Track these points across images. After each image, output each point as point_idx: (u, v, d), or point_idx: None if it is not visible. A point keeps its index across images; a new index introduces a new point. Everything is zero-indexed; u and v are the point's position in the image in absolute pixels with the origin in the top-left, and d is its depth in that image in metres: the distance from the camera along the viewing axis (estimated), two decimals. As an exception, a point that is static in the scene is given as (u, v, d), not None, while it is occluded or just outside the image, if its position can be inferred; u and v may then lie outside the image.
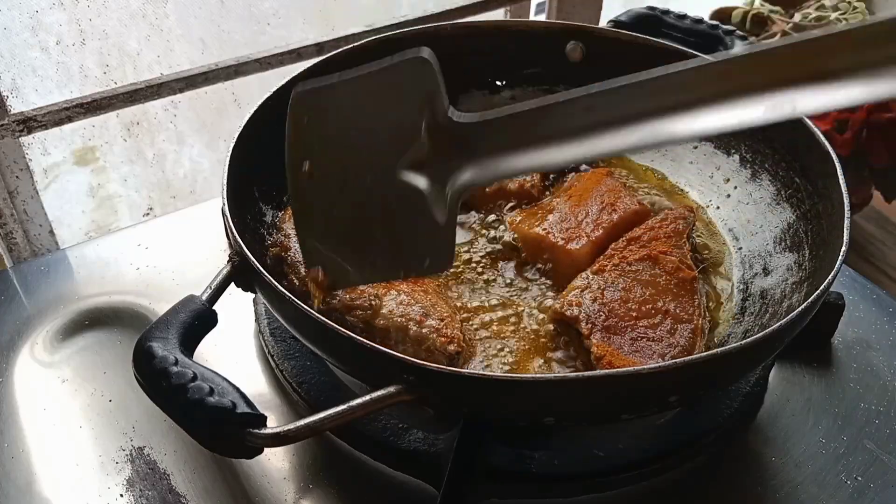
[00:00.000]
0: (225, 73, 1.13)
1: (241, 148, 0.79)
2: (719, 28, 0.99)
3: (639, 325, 0.75)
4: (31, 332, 0.87)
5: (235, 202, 0.74)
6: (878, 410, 0.80)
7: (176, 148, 1.41)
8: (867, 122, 1.31)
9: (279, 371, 0.80)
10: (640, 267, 0.80)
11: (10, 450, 0.75)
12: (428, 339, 0.72)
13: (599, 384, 0.61)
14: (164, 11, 1.24)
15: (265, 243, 0.83)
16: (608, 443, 0.73)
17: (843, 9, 1.65)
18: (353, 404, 0.58)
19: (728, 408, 0.77)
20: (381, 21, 1.23)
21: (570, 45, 1.01)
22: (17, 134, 1.03)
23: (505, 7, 1.40)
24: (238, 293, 0.71)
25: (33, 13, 1.14)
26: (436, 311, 0.75)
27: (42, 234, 1.12)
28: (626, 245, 0.82)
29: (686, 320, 0.75)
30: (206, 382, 0.57)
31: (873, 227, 1.44)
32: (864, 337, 0.88)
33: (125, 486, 0.72)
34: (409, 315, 0.74)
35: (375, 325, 0.74)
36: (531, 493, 0.72)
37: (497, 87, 1.05)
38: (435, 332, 0.73)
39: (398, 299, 0.75)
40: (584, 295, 0.77)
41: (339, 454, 0.75)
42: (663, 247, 0.81)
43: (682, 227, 0.84)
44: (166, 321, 0.63)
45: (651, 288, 0.78)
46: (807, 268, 0.78)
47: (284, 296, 0.64)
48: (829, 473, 0.74)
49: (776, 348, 0.68)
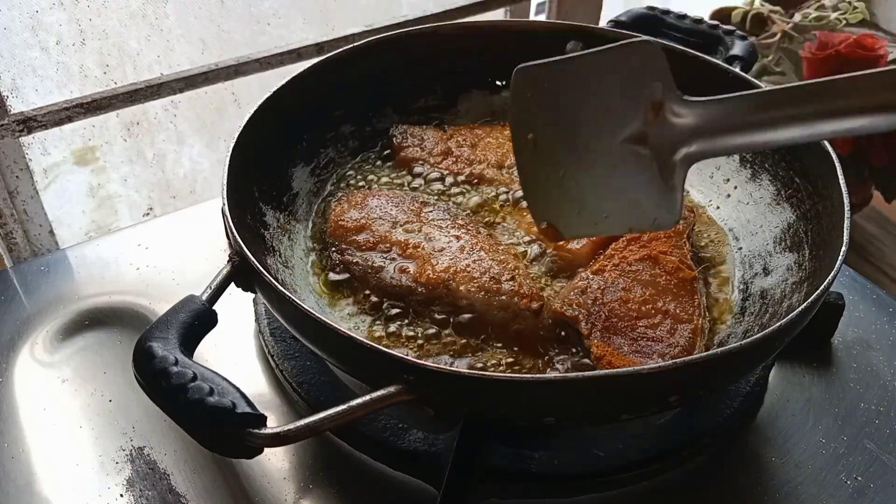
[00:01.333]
0: (225, 73, 1.13)
1: (241, 148, 0.79)
2: (719, 28, 0.99)
3: (639, 325, 0.75)
4: (31, 332, 0.87)
5: (235, 202, 0.74)
6: (878, 410, 0.80)
7: (176, 148, 1.41)
8: (867, 123, 1.31)
9: (279, 371, 0.80)
10: (640, 267, 0.80)
11: (10, 450, 0.75)
12: (511, 305, 0.75)
13: (599, 384, 0.61)
14: (164, 11, 1.24)
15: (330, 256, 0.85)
16: (608, 443, 0.73)
17: (844, 9, 1.65)
18: (353, 404, 0.58)
19: (728, 408, 0.77)
20: (381, 21, 1.23)
21: (570, 45, 1.01)
22: (17, 134, 1.03)
23: (505, 7, 1.40)
24: (238, 293, 0.71)
25: (33, 13, 1.14)
26: (503, 266, 0.78)
27: (42, 234, 1.12)
28: (626, 245, 0.82)
29: (686, 320, 0.75)
30: (206, 382, 0.57)
31: (873, 227, 1.44)
32: (864, 337, 0.88)
33: (125, 486, 0.72)
34: (486, 286, 0.76)
35: (461, 307, 0.77)
36: (531, 493, 0.72)
37: (497, 87, 1.05)
38: (515, 295, 0.76)
39: (470, 272, 0.78)
40: (583, 295, 0.77)
41: (339, 454, 0.75)
42: (663, 247, 0.81)
43: (682, 226, 0.84)
44: (166, 321, 0.63)
45: (651, 288, 0.78)
46: (807, 268, 0.78)
47: (284, 296, 0.64)
48: (829, 473, 0.74)
49: (776, 348, 0.68)
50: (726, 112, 0.60)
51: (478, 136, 0.99)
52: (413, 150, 0.97)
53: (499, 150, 0.97)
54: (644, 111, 0.63)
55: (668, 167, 0.63)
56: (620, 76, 0.64)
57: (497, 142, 0.98)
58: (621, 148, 0.65)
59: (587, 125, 0.68)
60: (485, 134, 1.00)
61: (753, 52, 0.97)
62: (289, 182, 0.91)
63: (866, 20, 1.66)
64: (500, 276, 0.77)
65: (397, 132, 0.99)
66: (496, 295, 0.76)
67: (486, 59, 1.03)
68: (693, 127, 0.61)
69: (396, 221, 0.84)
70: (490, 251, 0.81)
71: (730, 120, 0.60)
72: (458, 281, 0.77)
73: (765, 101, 0.59)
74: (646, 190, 0.65)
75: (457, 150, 0.97)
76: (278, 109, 0.86)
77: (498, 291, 0.76)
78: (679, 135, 0.62)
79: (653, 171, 0.64)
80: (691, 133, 0.61)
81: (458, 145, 0.97)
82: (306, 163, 0.94)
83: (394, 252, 0.82)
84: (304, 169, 0.93)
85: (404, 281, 0.79)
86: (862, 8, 1.65)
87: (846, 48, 1.37)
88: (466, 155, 0.96)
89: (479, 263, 0.79)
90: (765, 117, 0.58)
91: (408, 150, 0.97)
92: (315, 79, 0.92)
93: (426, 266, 0.79)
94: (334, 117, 0.97)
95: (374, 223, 0.85)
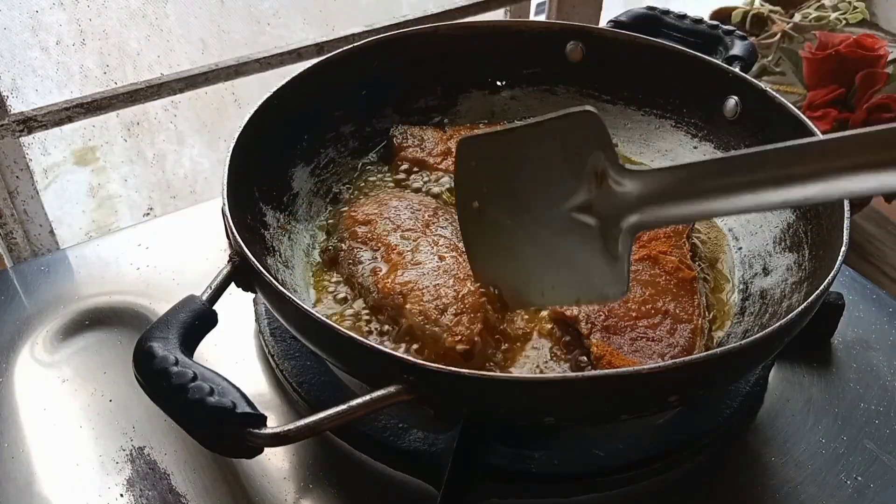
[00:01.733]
0: (225, 73, 1.13)
1: (241, 148, 0.79)
2: (719, 28, 0.99)
3: (639, 325, 0.75)
4: (31, 332, 0.87)
5: (235, 202, 0.74)
6: (878, 410, 0.80)
7: (176, 148, 1.41)
8: (867, 123, 1.31)
9: (279, 371, 0.80)
10: (640, 267, 0.80)
11: (10, 450, 0.75)
12: (439, 339, 0.72)
13: (599, 384, 0.61)
14: (164, 11, 1.24)
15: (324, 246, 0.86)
16: (608, 443, 0.73)
17: (844, 9, 1.65)
18: (353, 404, 0.58)
19: (728, 408, 0.77)
20: (381, 21, 1.23)
21: (570, 46, 1.01)
22: (17, 134, 1.03)
23: (505, 7, 1.40)
24: (238, 293, 0.71)
25: (33, 13, 1.14)
26: (456, 304, 0.74)
27: (42, 234, 1.12)
28: None
29: (686, 320, 0.75)
30: (206, 382, 0.57)
31: (873, 227, 1.44)
32: (864, 337, 0.88)
33: (125, 486, 0.72)
34: (427, 313, 0.74)
35: (401, 324, 0.75)
36: (531, 493, 0.72)
37: (497, 87, 1.05)
38: (447, 331, 0.72)
39: (424, 294, 0.75)
40: None
41: (339, 454, 0.75)
42: (663, 247, 0.81)
43: (682, 227, 0.84)
44: (166, 321, 0.63)
45: (651, 288, 0.78)
46: (807, 268, 0.78)
47: (284, 296, 0.64)
48: (829, 473, 0.74)
49: (776, 348, 0.68)
50: (670, 182, 0.58)
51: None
52: (413, 151, 0.97)
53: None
54: (587, 181, 0.63)
55: (613, 237, 0.62)
56: (562, 145, 0.64)
57: (497, 142, 0.98)
58: (566, 218, 0.65)
59: (532, 195, 0.68)
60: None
61: (753, 52, 0.97)
62: (289, 182, 0.91)
63: (866, 20, 1.66)
64: (446, 308, 0.73)
65: (397, 132, 0.99)
66: (432, 325, 0.73)
67: (486, 59, 1.03)
68: (637, 196, 0.60)
69: (400, 226, 0.84)
70: (461, 281, 0.76)
71: (674, 189, 0.58)
72: (407, 298, 0.75)
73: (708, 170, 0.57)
74: (592, 260, 0.64)
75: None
76: (278, 109, 0.86)
77: (435, 322, 0.73)
78: (623, 204, 0.61)
79: (598, 241, 0.63)
80: (635, 202, 0.60)
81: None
82: (306, 163, 0.94)
83: (380, 252, 0.82)
84: (304, 169, 0.93)
85: (368, 280, 0.79)
86: (862, 8, 1.65)
87: (846, 48, 1.37)
88: (466, 155, 0.96)
89: (439, 289, 0.75)
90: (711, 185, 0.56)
91: (408, 151, 0.97)
92: (315, 79, 0.92)
93: (392, 273, 0.78)
94: (334, 117, 0.97)
95: (380, 222, 0.85)
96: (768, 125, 0.89)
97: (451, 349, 0.71)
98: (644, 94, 1.01)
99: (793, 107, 0.86)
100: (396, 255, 0.80)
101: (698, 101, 0.97)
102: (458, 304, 0.74)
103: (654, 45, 0.97)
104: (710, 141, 0.96)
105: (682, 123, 0.99)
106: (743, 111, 0.92)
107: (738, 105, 0.92)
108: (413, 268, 0.78)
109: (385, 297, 0.76)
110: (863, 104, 1.33)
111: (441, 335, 0.72)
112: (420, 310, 0.74)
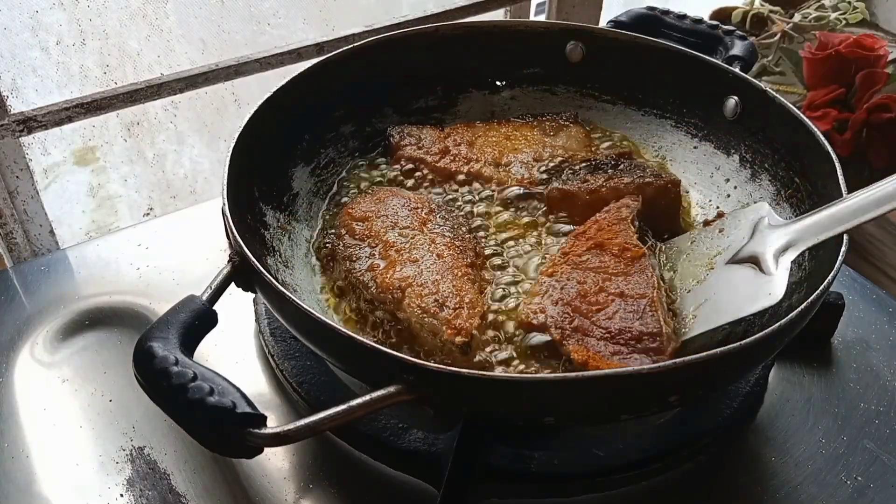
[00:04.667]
0: (225, 73, 1.13)
1: (241, 148, 0.79)
2: (719, 28, 0.99)
3: (602, 315, 0.74)
4: (31, 332, 0.87)
5: (235, 202, 0.74)
6: (878, 410, 0.80)
7: (176, 148, 1.41)
8: (867, 123, 1.31)
9: (279, 371, 0.80)
10: (589, 257, 0.79)
11: (10, 450, 0.75)
12: (438, 332, 0.73)
13: (599, 384, 0.61)
14: (164, 11, 1.24)
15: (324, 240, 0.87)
16: (608, 443, 0.73)
17: (844, 9, 1.65)
18: (353, 404, 0.58)
19: (728, 408, 0.77)
20: (381, 21, 1.22)
21: (570, 46, 1.01)
22: (17, 134, 1.03)
23: (505, 7, 1.40)
24: (238, 293, 0.71)
25: (33, 13, 1.14)
26: (454, 298, 0.75)
27: (42, 234, 1.12)
28: (573, 242, 0.82)
29: (641, 295, 0.75)
30: (206, 382, 0.57)
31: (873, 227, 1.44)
32: (864, 337, 0.88)
33: (125, 486, 0.72)
34: (426, 307, 0.74)
35: (400, 318, 0.75)
36: (531, 493, 0.72)
37: (497, 87, 1.05)
38: (446, 323, 0.73)
39: (422, 289, 0.76)
40: (545, 300, 0.76)
41: (339, 454, 0.75)
42: (608, 234, 0.81)
43: (626, 213, 0.83)
44: (166, 321, 0.63)
45: (602, 273, 0.77)
46: (807, 268, 0.78)
47: (284, 296, 0.64)
48: (828, 473, 0.75)
49: (776, 348, 0.68)
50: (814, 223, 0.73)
51: (475, 133, 0.99)
52: (410, 150, 0.97)
53: (496, 148, 0.97)
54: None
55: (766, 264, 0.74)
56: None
57: (494, 139, 0.98)
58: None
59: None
60: (482, 131, 1.00)
61: (753, 52, 0.97)
62: (289, 182, 0.91)
63: (866, 20, 1.66)
64: (445, 302, 0.75)
65: (395, 132, 0.99)
66: (431, 317, 0.73)
67: (486, 59, 1.04)
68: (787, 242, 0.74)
69: (397, 223, 0.84)
70: (458, 278, 0.77)
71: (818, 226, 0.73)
72: (406, 293, 0.76)
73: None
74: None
75: (454, 148, 0.97)
76: (278, 109, 0.86)
77: (434, 315, 0.73)
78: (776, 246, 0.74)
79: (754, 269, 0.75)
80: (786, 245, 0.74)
81: (455, 143, 0.97)
82: (306, 163, 0.94)
83: (377, 249, 0.82)
84: (304, 169, 0.93)
85: (366, 277, 0.79)
86: (862, 8, 1.65)
87: (846, 48, 1.37)
88: (464, 153, 0.96)
89: (437, 285, 0.76)
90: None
91: (405, 150, 0.97)
92: (315, 79, 0.92)
93: (389, 269, 0.78)
94: (334, 117, 0.97)
95: (378, 219, 0.85)
96: (768, 125, 0.89)
97: (450, 341, 0.72)
98: (644, 94, 1.01)
99: (793, 107, 0.86)
100: (395, 252, 0.81)
101: (698, 101, 0.97)
102: (456, 299, 0.75)
103: (654, 45, 0.97)
104: (710, 141, 0.96)
105: (682, 123, 0.99)
106: (743, 111, 0.92)
107: (738, 105, 0.92)
108: (410, 263, 0.79)
109: (384, 291, 0.77)
110: (863, 104, 1.33)
111: (440, 328, 0.73)
112: (419, 304, 0.75)
